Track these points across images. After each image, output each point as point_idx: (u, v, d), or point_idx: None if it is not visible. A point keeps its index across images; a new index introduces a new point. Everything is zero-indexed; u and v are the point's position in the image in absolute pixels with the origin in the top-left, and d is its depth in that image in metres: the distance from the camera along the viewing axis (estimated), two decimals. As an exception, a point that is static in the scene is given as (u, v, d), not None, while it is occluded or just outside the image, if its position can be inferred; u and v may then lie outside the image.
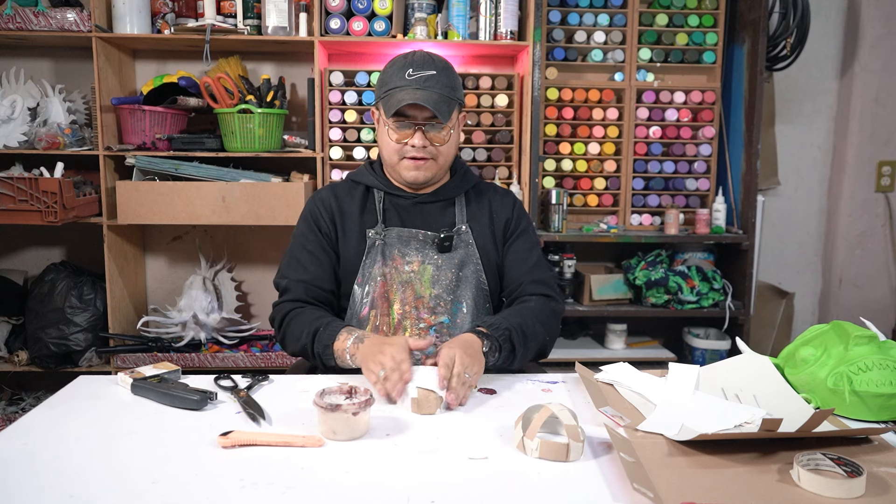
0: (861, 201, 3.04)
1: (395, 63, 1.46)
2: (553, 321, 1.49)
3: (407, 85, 1.41)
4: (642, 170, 2.80)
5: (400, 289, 1.48)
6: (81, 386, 1.31)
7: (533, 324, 1.41)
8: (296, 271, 1.49)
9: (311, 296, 1.47)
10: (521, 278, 1.51)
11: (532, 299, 1.48)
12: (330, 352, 1.35)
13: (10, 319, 2.60)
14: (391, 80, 1.43)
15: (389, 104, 1.42)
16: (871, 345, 1.19)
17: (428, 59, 1.45)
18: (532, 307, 1.45)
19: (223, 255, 2.75)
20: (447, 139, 1.46)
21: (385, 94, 1.44)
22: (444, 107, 1.42)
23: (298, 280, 1.47)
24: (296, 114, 2.75)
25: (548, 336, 1.46)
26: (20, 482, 0.93)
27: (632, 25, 2.72)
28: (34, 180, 2.24)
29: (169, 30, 2.43)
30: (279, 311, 1.47)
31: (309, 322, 1.40)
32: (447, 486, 0.94)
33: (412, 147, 1.44)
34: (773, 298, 3.10)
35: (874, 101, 2.96)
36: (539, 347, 1.44)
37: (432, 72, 1.42)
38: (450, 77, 1.45)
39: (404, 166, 1.47)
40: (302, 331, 1.40)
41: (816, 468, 0.95)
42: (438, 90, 1.41)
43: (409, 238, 1.50)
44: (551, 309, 1.49)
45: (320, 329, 1.37)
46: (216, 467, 0.98)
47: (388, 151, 1.48)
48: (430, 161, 1.46)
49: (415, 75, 1.41)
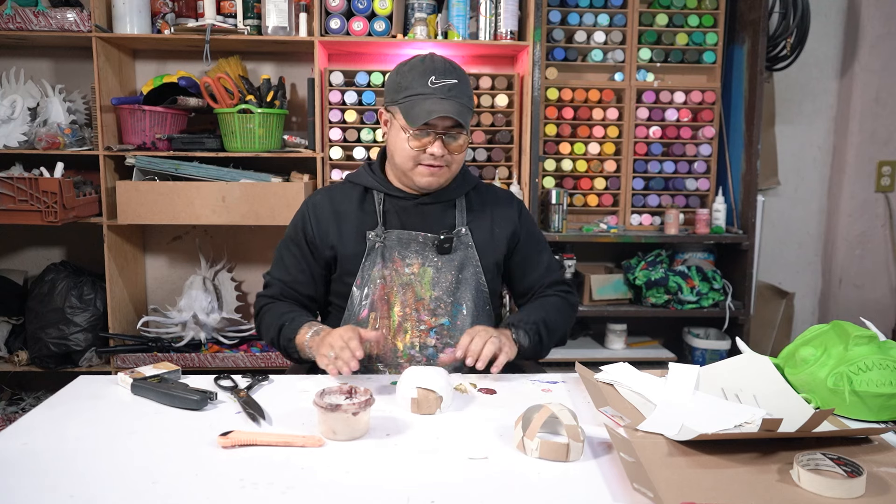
0: (861, 201, 3.04)
1: (413, 67, 1.42)
2: (571, 314, 1.59)
3: (432, 94, 1.39)
4: (642, 170, 2.80)
5: (400, 291, 1.48)
6: (81, 386, 1.31)
7: (555, 317, 1.51)
8: (278, 270, 1.57)
9: (286, 296, 1.54)
10: (538, 282, 1.60)
11: (550, 294, 1.57)
12: (293, 346, 1.42)
13: (10, 319, 2.60)
14: (412, 86, 1.40)
15: (414, 113, 1.39)
16: (871, 345, 1.19)
17: (450, 68, 1.43)
18: (553, 301, 1.55)
19: (223, 255, 2.75)
20: (464, 148, 1.46)
21: (406, 99, 1.41)
22: (467, 117, 1.42)
23: (279, 279, 1.55)
24: (296, 114, 2.75)
25: (567, 327, 1.57)
26: (20, 482, 0.94)
27: (632, 25, 2.72)
28: (34, 180, 2.24)
29: (169, 30, 2.43)
30: (257, 304, 1.57)
31: (277, 316, 1.47)
32: (447, 486, 0.94)
33: (430, 155, 1.43)
34: (773, 298, 3.10)
35: (874, 101, 2.96)
36: (561, 338, 1.53)
37: (454, 80, 1.41)
38: (468, 86, 1.46)
39: (419, 172, 1.46)
40: (270, 325, 1.48)
41: (816, 468, 0.95)
42: (461, 100, 1.41)
43: (409, 240, 1.50)
44: (570, 303, 1.59)
45: (285, 324, 1.44)
46: (216, 467, 0.98)
47: (402, 157, 1.45)
48: (444, 168, 1.46)
49: (438, 83, 1.40)
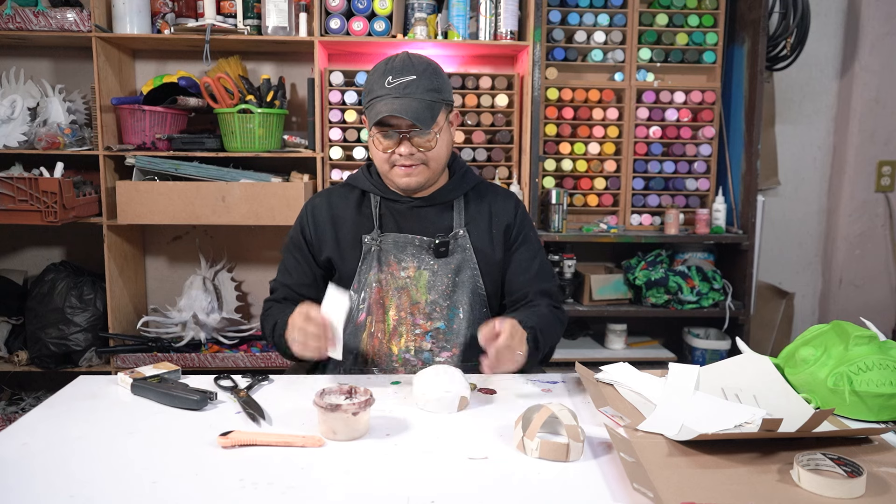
0: (861, 201, 3.04)
1: (377, 69, 1.42)
2: (559, 330, 1.52)
3: (386, 94, 1.37)
4: (642, 170, 2.80)
5: (395, 295, 1.47)
6: (81, 386, 1.31)
7: (546, 327, 1.44)
8: (282, 275, 1.58)
9: (289, 299, 1.54)
10: (526, 287, 1.52)
11: (542, 306, 1.49)
12: (283, 341, 1.40)
13: (10, 319, 2.60)
14: (373, 89, 1.40)
15: (371, 115, 1.39)
16: (871, 345, 1.19)
17: (407, 64, 1.40)
18: (544, 312, 1.47)
19: (223, 255, 2.75)
20: (434, 144, 1.42)
21: (368, 103, 1.41)
22: (426, 113, 1.37)
23: (283, 284, 1.56)
24: (296, 114, 2.75)
25: (554, 343, 1.50)
26: (20, 482, 0.93)
27: (632, 25, 2.72)
28: (34, 180, 2.24)
29: (169, 30, 2.43)
30: (263, 309, 1.58)
31: (274, 316, 1.49)
32: (447, 486, 0.94)
33: (400, 156, 1.41)
34: (773, 298, 3.11)
35: (874, 101, 2.96)
36: (547, 354, 1.48)
37: (411, 77, 1.37)
38: (431, 79, 1.40)
39: (395, 174, 1.45)
40: (266, 326, 1.52)
41: (816, 468, 0.95)
42: (419, 95, 1.37)
43: (406, 244, 1.48)
44: (558, 318, 1.51)
45: (278, 322, 1.44)
46: (216, 467, 0.98)
47: (378, 160, 1.46)
48: (420, 166, 1.43)
49: (394, 82, 1.37)
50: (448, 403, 1.19)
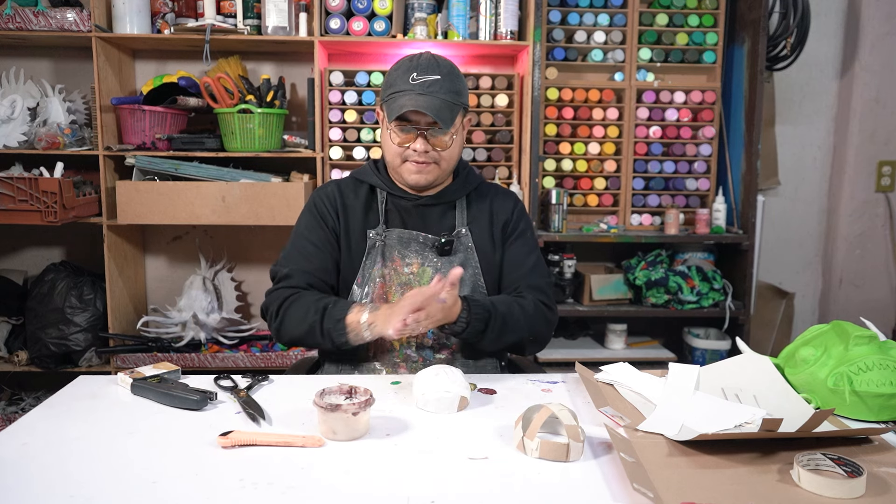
0: (861, 201, 3.04)
1: (400, 66, 1.44)
2: (541, 325, 1.47)
3: (410, 90, 1.40)
4: (642, 170, 2.80)
5: (399, 290, 1.48)
6: (81, 386, 1.31)
7: (518, 318, 1.41)
8: (298, 262, 1.47)
9: (313, 285, 1.45)
10: (518, 282, 1.51)
11: (529, 298, 1.47)
12: (342, 325, 1.32)
13: (10, 319, 2.60)
14: (395, 83, 1.42)
15: (392, 108, 1.41)
16: (871, 345, 1.19)
17: (433, 63, 1.43)
18: (525, 304, 1.45)
19: (223, 255, 2.75)
20: (450, 144, 1.45)
21: (389, 97, 1.43)
22: (447, 113, 1.41)
23: (302, 270, 1.45)
24: (296, 114, 2.75)
25: (530, 336, 1.45)
26: (20, 482, 0.93)
27: (632, 25, 2.72)
28: (34, 180, 2.24)
29: (169, 30, 2.43)
30: (276, 297, 1.43)
31: (314, 301, 1.38)
32: (447, 486, 0.93)
33: (414, 151, 1.43)
34: (773, 298, 3.10)
35: (874, 101, 2.96)
36: (515, 341, 1.44)
37: (436, 76, 1.41)
38: (454, 81, 1.44)
39: (406, 169, 1.46)
40: (308, 310, 1.37)
41: (816, 468, 0.95)
42: (442, 95, 1.40)
43: (410, 240, 1.50)
44: (544, 315, 1.47)
45: (329, 306, 1.35)
46: (216, 467, 0.98)
47: (390, 154, 1.47)
48: (432, 165, 1.45)
49: (419, 80, 1.40)
50: (448, 403, 1.19)
